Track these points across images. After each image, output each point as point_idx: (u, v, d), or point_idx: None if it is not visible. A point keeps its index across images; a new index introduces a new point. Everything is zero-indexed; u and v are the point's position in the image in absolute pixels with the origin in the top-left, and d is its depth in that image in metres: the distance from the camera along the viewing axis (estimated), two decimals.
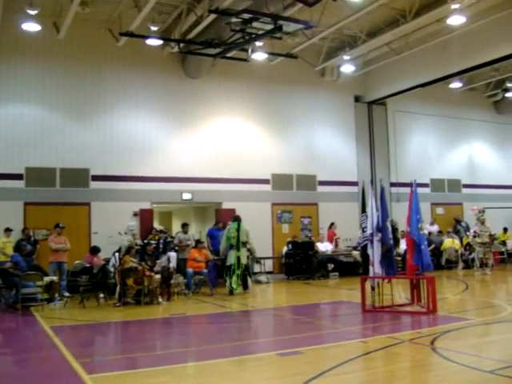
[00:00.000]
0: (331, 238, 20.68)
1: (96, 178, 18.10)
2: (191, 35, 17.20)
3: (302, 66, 20.59)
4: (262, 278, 18.39)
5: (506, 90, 24.81)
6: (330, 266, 19.45)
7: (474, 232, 19.86)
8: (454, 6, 15.70)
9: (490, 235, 19.72)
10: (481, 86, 25.62)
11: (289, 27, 14.43)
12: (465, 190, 25.66)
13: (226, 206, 19.83)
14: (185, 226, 17.44)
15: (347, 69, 21.04)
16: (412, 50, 19.00)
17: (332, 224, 20.90)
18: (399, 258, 17.37)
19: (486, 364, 6.99)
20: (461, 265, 21.04)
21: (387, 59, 20.06)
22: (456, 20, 16.42)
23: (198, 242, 16.29)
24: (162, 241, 17.32)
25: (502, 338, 8.71)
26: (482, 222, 19.38)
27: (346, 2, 15.66)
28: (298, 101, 21.62)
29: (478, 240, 19.25)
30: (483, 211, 19.78)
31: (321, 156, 21.84)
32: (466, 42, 18.44)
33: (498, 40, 17.81)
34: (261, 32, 14.89)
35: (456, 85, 23.79)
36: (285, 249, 20.06)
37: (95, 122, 18.31)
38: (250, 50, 17.48)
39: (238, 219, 15.77)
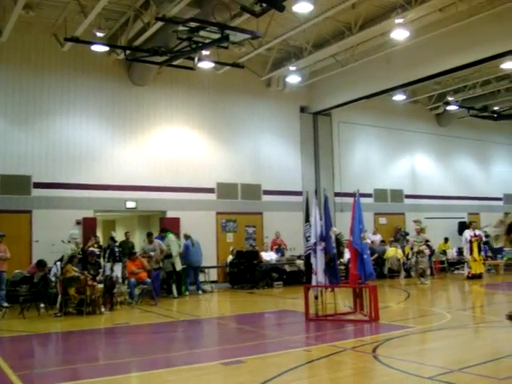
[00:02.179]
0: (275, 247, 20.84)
1: (38, 185, 17.69)
2: (138, 42, 17.07)
3: (248, 75, 20.70)
4: (206, 287, 18.34)
5: (448, 103, 25.44)
6: (275, 275, 19.54)
7: (410, 242, 20.34)
8: (398, 21, 16.05)
9: (427, 245, 20.14)
10: (423, 99, 26.20)
11: (235, 37, 14.51)
12: (407, 201, 26.15)
13: (170, 214, 19.69)
14: (150, 235, 17.22)
15: (293, 79, 21.23)
16: (357, 62, 19.30)
17: (277, 233, 21.02)
18: (343, 267, 17.56)
19: (426, 371, 7.12)
20: (403, 274, 21.42)
21: (333, 71, 20.33)
22: (400, 34, 16.79)
23: (130, 253, 16.19)
24: (108, 250, 17.05)
25: (442, 344, 8.89)
26: (418, 232, 19.78)
27: (293, 14, 15.81)
28: (244, 110, 21.69)
29: (414, 250, 19.68)
30: (419, 221, 20.17)
31: (266, 165, 21.93)
32: (409, 56, 18.83)
33: (441, 54, 18.24)
34: (207, 41, 14.93)
35: (399, 97, 24.29)
36: (229, 258, 20.03)
37: (37, 128, 17.92)
38: (196, 59, 17.45)
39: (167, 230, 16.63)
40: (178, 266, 16.88)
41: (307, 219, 12.18)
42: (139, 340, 10.65)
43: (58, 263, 14.60)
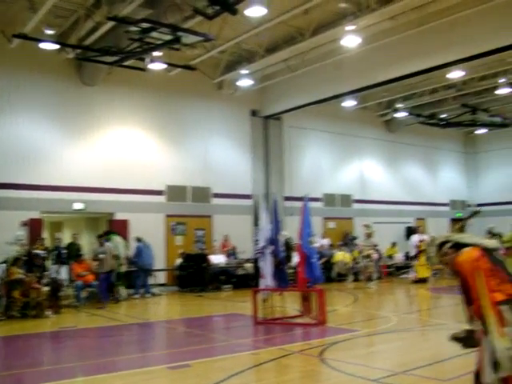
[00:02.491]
0: (225, 250, 20.84)
1: None
2: (88, 41, 16.82)
3: (200, 78, 20.58)
4: (155, 290, 18.21)
5: (397, 110, 25.85)
6: (223, 279, 19.52)
7: (359, 246, 20.62)
8: (350, 28, 16.23)
9: (376, 249, 20.43)
10: (373, 105, 26.55)
11: (188, 39, 14.46)
12: (356, 205, 26.46)
13: (119, 216, 19.43)
14: (100, 237, 17.01)
15: (245, 83, 21.23)
16: (308, 67, 19.43)
17: (226, 236, 21.02)
18: (292, 271, 17.65)
19: (371, 373, 7.22)
20: (350, 277, 21.65)
21: (284, 75, 20.42)
22: (351, 41, 16.96)
23: (77, 255, 15.99)
24: (56, 251, 16.77)
25: (387, 347, 9.03)
26: (367, 237, 20.03)
27: (246, 17, 15.82)
28: (195, 113, 21.59)
29: (363, 254, 19.93)
30: (369, 226, 20.45)
31: (216, 168, 21.86)
32: (360, 63, 19.05)
33: (391, 62, 18.51)
34: (159, 42, 14.84)
35: (349, 103, 24.54)
36: (178, 261, 19.90)
37: None
38: (147, 60, 17.29)
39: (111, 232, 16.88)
40: (123, 268, 16.80)
41: (256, 223, 12.20)
42: (85, 344, 10.49)
43: (3, 265, 14.25)
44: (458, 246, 4.90)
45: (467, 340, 4.87)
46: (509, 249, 21.41)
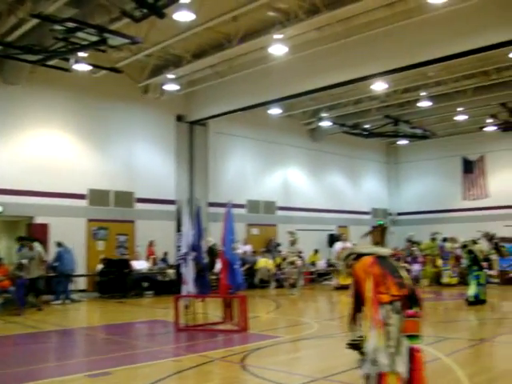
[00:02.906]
0: (150, 255, 20.62)
1: None
2: (11, 38, 16.29)
3: (125, 81, 20.29)
4: (75, 296, 17.79)
5: (321, 119, 26.25)
6: (146, 285, 19.29)
7: (284, 253, 20.80)
8: (277, 36, 16.38)
9: (299, 256, 20.68)
10: (298, 114, 26.87)
11: (114, 41, 14.25)
12: (279, 212, 26.67)
13: (39, 220, 18.90)
14: (20, 240, 16.49)
15: (171, 87, 21.08)
16: (235, 74, 19.48)
17: (151, 242, 20.79)
18: (214, 277, 17.60)
19: (293, 379, 7.29)
20: (273, 284, 21.79)
21: (211, 81, 20.41)
22: (278, 49, 17.12)
23: None
24: None
25: (309, 353, 9.12)
26: (292, 244, 20.25)
27: (174, 22, 15.72)
28: (120, 116, 21.25)
29: (287, 260, 20.12)
30: (293, 233, 20.65)
31: (140, 173, 21.57)
32: (286, 71, 19.23)
33: (316, 72, 18.77)
34: (85, 43, 14.54)
35: (275, 111, 24.74)
36: (99, 266, 19.51)
37: None
38: (72, 60, 16.92)
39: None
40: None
41: (179, 228, 12.10)
42: (0, 352, 10.13)
43: None
44: (359, 256, 5.33)
45: (362, 346, 5.13)
46: (426, 256, 22.20)
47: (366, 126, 28.13)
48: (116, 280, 18.80)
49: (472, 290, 15.01)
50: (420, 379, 4.91)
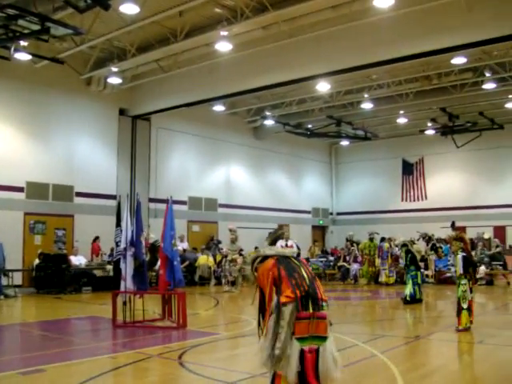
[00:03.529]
0: (96, 252, 20.24)
1: None
2: None
3: (68, 72, 19.86)
4: (10, 291, 17.33)
5: (265, 117, 26.34)
6: (84, 281, 18.96)
7: (224, 250, 20.80)
8: (223, 33, 16.34)
9: (240, 254, 20.70)
10: (242, 112, 26.93)
11: (57, 30, 13.96)
12: (221, 210, 26.66)
13: None
14: None
15: (114, 81, 20.79)
16: (180, 69, 19.34)
17: (97, 238, 20.40)
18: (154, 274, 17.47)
19: (230, 376, 7.28)
20: (213, 281, 21.74)
21: (155, 76, 20.19)
22: (223, 46, 17.08)
23: None
24: None
25: (247, 350, 9.09)
26: (233, 241, 20.26)
27: (119, 14, 15.51)
28: (61, 108, 20.80)
29: (228, 258, 20.13)
30: (235, 230, 20.65)
31: (80, 166, 21.17)
32: (231, 69, 19.22)
33: (261, 70, 18.82)
34: (26, 31, 14.19)
35: (219, 108, 24.71)
36: (36, 261, 19.07)
37: None
38: (12, 49, 16.48)
39: None
40: None
41: (118, 223, 11.93)
42: None
43: None
44: (265, 259, 5.29)
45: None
46: (364, 256, 22.53)
47: (309, 126, 28.41)
48: (53, 275, 18.39)
49: (408, 289, 15.31)
50: (310, 381, 4.80)
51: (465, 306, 10.26)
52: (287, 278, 4.96)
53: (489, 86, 21.40)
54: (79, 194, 21.12)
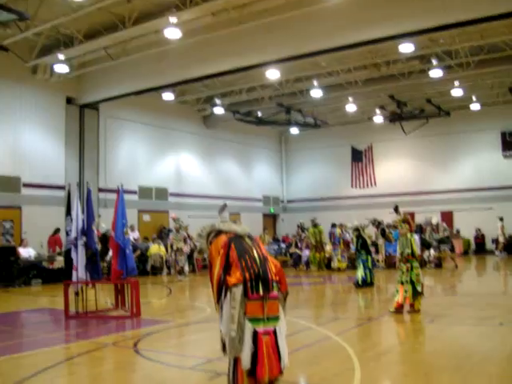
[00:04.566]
0: (60, 244, 19.72)
1: None
2: None
3: (12, 59, 19.32)
4: None
5: (215, 105, 26.21)
6: (33, 273, 18.60)
7: (170, 239, 20.81)
8: (172, 20, 16.13)
9: (187, 243, 20.73)
10: (192, 100, 26.74)
11: (1, 15, 13.59)
12: (171, 199, 26.49)
13: None
14: None
15: (61, 69, 20.27)
16: (129, 56, 19.00)
17: (58, 230, 19.87)
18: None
19: (186, 361, 7.29)
20: (165, 270, 21.64)
21: (104, 63, 19.81)
22: (172, 33, 16.83)
23: None
24: None
25: (202, 336, 9.11)
26: (177, 230, 20.25)
27: (65, 0, 15.18)
28: (5, 96, 20.21)
29: (174, 247, 20.10)
30: (178, 219, 20.61)
31: (27, 157, 20.65)
32: (180, 56, 19.02)
33: (210, 57, 18.64)
34: None
35: (168, 96, 24.41)
36: None
37: None
38: None
39: None
40: None
41: (68, 212, 11.71)
42: None
43: None
44: (219, 234, 5.32)
45: None
46: (312, 242, 22.68)
47: (259, 114, 28.41)
48: (1, 268, 17.97)
49: (360, 274, 15.55)
50: (262, 362, 4.86)
51: (420, 289, 10.45)
52: (237, 260, 4.99)
53: (435, 73, 21.72)
54: (26, 185, 20.65)
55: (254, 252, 5.16)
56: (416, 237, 10.54)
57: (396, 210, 11.74)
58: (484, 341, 8.21)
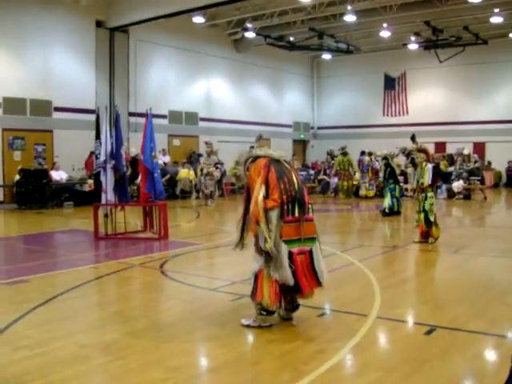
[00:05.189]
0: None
1: None
2: None
3: None
4: None
5: (246, 29, 25.75)
6: (65, 195, 18.98)
7: (201, 164, 20.84)
8: None
9: (217, 167, 20.76)
10: (223, 24, 26.29)
11: None
12: (201, 123, 26.46)
13: None
14: None
15: None
16: None
17: (92, 153, 20.12)
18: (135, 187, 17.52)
19: (211, 283, 7.48)
20: (194, 195, 21.84)
21: None
22: None
23: None
24: None
25: (227, 260, 9.27)
26: (208, 154, 20.24)
27: None
28: (36, 20, 20.04)
29: (204, 171, 20.15)
30: (210, 143, 20.53)
31: (58, 81, 20.68)
32: None
33: None
34: None
35: (199, 19, 24.00)
36: (16, 177, 18.95)
37: None
38: None
39: None
40: None
41: (98, 136, 11.81)
42: None
43: None
44: (256, 159, 5.41)
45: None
46: (339, 171, 22.57)
47: (291, 39, 27.88)
48: (34, 191, 18.33)
49: (387, 202, 15.57)
50: (301, 278, 5.21)
51: (432, 218, 10.40)
52: (276, 182, 5.13)
53: None
54: (58, 109, 20.80)
55: (293, 175, 5.30)
56: (430, 166, 10.37)
57: (413, 138, 11.60)
58: (505, 273, 8.25)
